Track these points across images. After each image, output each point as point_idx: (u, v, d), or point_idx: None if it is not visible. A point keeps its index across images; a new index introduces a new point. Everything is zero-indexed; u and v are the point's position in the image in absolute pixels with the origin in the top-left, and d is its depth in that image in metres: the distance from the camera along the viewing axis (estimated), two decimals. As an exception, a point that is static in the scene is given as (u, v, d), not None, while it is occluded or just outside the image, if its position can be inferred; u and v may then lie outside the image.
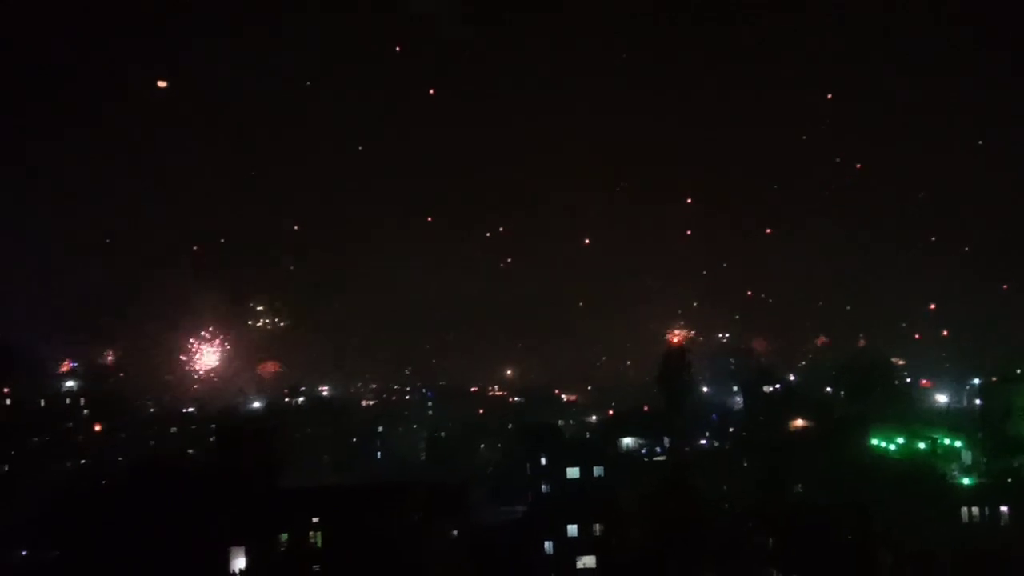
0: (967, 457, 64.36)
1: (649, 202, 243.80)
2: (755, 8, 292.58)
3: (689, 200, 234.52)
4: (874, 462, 65.69)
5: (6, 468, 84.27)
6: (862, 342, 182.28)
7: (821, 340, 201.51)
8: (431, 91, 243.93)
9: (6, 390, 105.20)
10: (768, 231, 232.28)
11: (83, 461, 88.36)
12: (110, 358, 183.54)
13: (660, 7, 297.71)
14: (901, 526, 53.09)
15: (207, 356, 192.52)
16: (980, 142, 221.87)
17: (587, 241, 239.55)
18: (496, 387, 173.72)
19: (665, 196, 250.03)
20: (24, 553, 59.10)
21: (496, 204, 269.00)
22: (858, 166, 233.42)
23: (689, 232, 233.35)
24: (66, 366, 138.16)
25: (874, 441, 73.69)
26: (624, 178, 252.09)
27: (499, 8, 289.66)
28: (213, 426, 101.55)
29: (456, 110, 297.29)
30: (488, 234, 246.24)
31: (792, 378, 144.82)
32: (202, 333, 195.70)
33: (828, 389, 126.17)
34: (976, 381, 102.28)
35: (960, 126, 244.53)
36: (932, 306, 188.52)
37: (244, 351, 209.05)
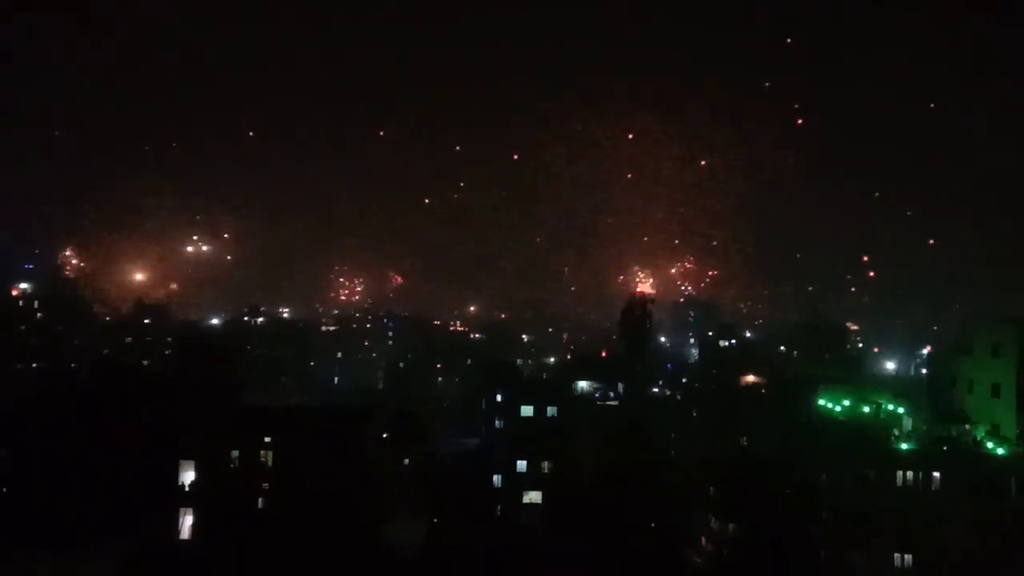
0: (907, 423, 66.34)
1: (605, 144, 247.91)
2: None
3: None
4: (820, 422, 67.57)
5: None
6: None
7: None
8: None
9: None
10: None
11: (35, 364, 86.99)
12: (71, 262, 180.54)
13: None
14: (840, 485, 55.14)
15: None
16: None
17: (516, 156, 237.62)
18: (458, 322, 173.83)
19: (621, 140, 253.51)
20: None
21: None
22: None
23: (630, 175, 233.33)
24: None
25: (821, 402, 75.62)
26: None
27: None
28: (170, 339, 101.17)
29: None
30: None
31: (748, 335, 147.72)
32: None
33: (782, 348, 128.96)
34: (926, 351, 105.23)
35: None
36: (865, 258, 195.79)
37: (186, 265, 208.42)
